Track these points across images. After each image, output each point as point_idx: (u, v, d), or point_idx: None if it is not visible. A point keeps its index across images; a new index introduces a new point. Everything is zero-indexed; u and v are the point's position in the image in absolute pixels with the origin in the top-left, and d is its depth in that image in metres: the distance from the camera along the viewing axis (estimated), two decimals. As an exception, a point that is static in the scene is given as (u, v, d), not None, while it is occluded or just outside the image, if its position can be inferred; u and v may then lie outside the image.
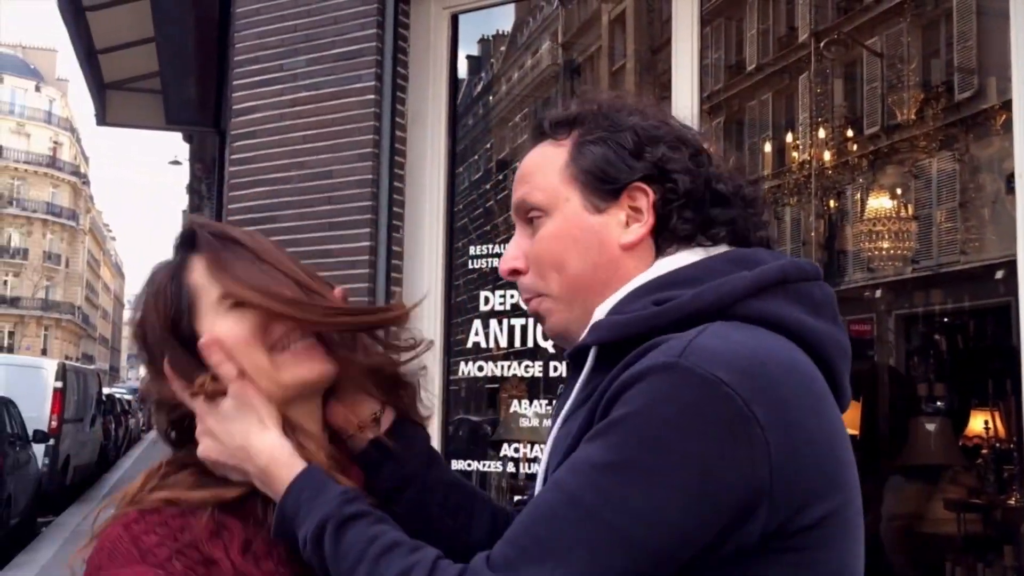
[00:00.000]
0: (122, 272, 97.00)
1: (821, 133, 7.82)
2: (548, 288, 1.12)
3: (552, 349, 3.72)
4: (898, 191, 7.74)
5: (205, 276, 1.11)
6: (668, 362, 0.92)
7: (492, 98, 6.44)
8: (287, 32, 4.19)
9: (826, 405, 0.98)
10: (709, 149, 1.13)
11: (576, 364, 1.08)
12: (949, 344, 7.58)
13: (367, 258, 3.85)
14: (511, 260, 1.15)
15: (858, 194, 7.84)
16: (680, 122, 1.15)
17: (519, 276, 1.15)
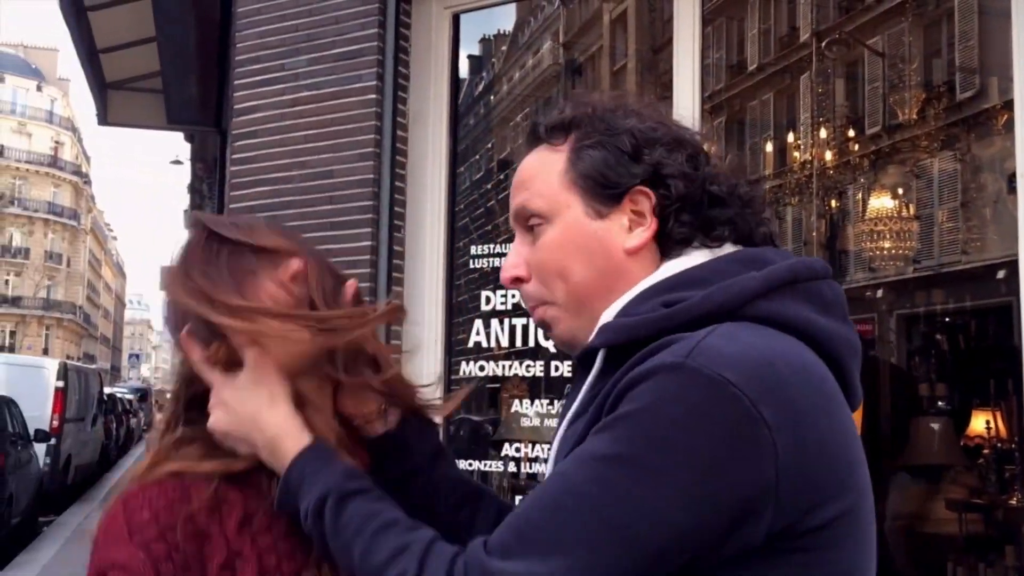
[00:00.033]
0: (123, 272, 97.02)
1: (822, 133, 7.82)
2: (554, 296, 1.11)
3: (553, 349, 3.72)
4: (899, 191, 7.73)
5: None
6: (675, 362, 0.91)
7: (493, 98, 6.45)
8: (288, 32, 4.19)
9: (836, 405, 0.97)
10: (707, 149, 1.12)
11: (584, 366, 1.07)
12: (950, 344, 7.56)
13: (368, 258, 3.85)
14: (512, 268, 1.13)
15: (859, 194, 7.83)
16: (677, 122, 1.13)
17: (521, 284, 1.14)
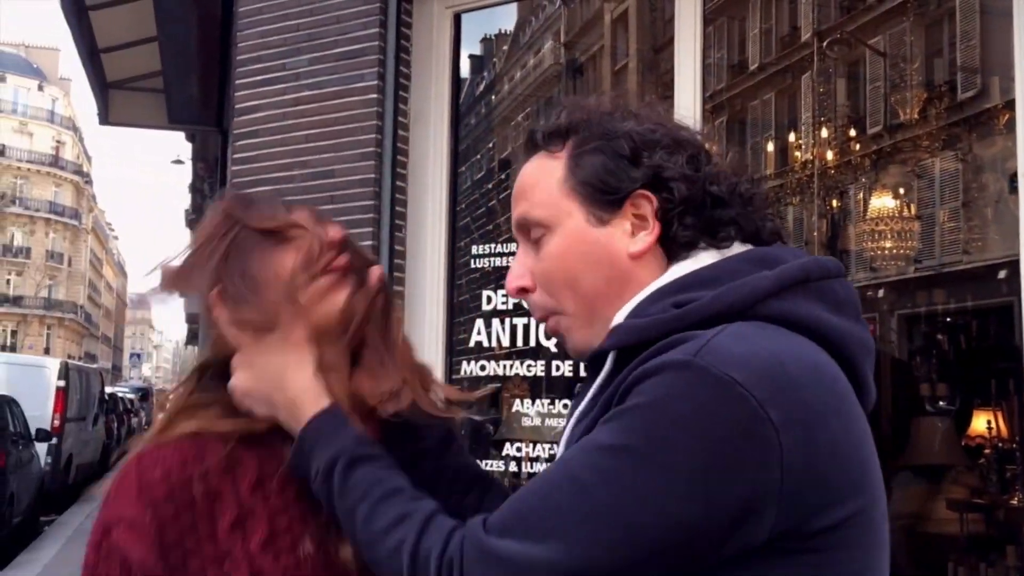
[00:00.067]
0: (124, 271, 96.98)
1: (824, 132, 7.82)
2: (563, 307, 1.10)
3: (555, 348, 3.71)
4: (901, 191, 7.73)
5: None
6: (684, 360, 0.91)
7: (494, 97, 6.45)
8: (289, 31, 4.19)
9: (849, 405, 0.97)
10: (707, 148, 1.11)
11: (595, 368, 1.07)
12: (952, 344, 7.56)
13: (369, 257, 3.84)
14: (517, 279, 1.13)
15: (861, 194, 7.83)
16: (676, 122, 1.12)
17: (528, 295, 1.13)
